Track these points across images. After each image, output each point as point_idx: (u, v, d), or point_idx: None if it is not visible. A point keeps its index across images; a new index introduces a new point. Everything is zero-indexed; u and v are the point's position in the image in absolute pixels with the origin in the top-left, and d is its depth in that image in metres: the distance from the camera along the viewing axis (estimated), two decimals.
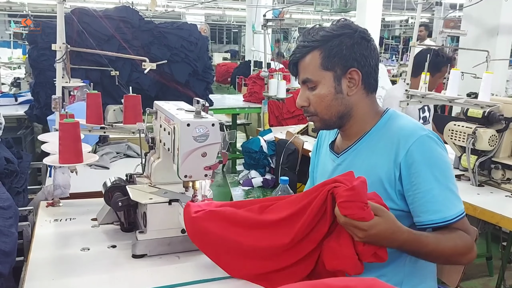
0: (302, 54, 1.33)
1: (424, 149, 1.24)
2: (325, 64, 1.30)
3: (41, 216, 1.64)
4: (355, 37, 1.29)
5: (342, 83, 1.31)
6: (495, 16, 4.81)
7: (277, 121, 4.76)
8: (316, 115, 1.36)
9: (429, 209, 1.22)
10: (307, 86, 1.35)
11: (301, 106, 1.37)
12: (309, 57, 1.32)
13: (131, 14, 4.01)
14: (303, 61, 1.33)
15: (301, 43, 1.34)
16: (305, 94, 1.35)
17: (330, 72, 1.30)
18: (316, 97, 1.33)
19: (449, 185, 1.24)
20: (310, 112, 1.37)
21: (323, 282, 0.62)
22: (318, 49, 1.30)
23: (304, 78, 1.34)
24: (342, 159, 1.38)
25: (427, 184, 1.22)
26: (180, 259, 1.36)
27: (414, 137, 1.25)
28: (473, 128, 2.17)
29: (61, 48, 1.79)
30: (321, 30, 1.32)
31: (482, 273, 3.04)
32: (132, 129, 1.79)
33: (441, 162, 1.25)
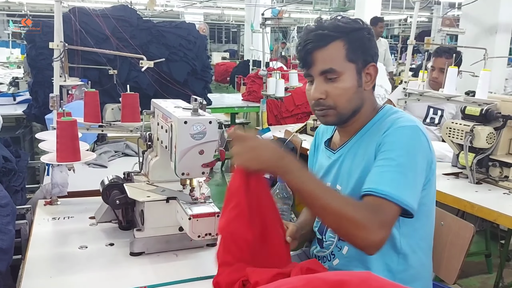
0: (322, 42, 1.24)
1: (401, 133, 1.21)
2: (349, 55, 1.25)
3: (39, 214, 1.64)
4: (371, 33, 1.29)
5: (362, 77, 1.29)
6: (493, 14, 4.81)
7: (276, 120, 4.76)
8: (333, 109, 1.28)
9: (370, 179, 1.18)
10: (325, 77, 1.26)
11: (318, 99, 1.28)
12: (332, 47, 1.25)
13: (130, 13, 4.01)
14: (324, 50, 1.25)
15: (318, 32, 1.25)
16: (323, 86, 1.27)
17: (353, 64, 1.26)
18: (339, 89, 1.26)
19: (407, 172, 1.16)
20: (326, 105, 1.29)
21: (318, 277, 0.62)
22: (341, 40, 1.25)
23: (326, 68, 1.25)
24: (338, 155, 1.37)
25: (385, 161, 1.18)
26: (177, 257, 1.36)
27: (398, 124, 1.23)
28: (470, 126, 2.17)
29: (59, 46, 1.79)
30: (337, 21, 1.27)
31: (481, 270, 3.04)
32: (130, 128, 1.79)
33: (412, 152, 1.19)
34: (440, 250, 1.51)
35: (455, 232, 1.51)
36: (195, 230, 1.26)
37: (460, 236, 1.48)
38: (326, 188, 1.17)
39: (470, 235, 1.44)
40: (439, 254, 1.51)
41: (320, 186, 1.13)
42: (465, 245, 1.45)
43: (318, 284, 0.60)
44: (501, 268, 2.68)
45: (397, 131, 1.22)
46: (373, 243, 1.08)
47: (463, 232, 1.47)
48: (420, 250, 1.31)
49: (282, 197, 1.87)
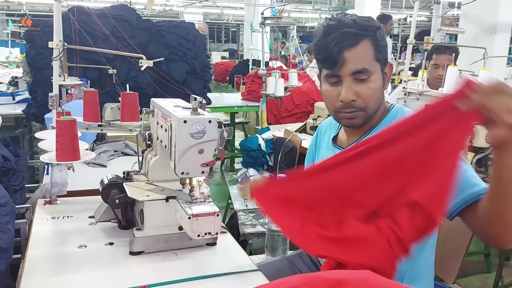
0: (353, 41, 1.20)
1: None
2: (377, 55, 1.24)
3: (39, 213, 1.64)
4: (384, 32, 1.28)
5: (384, 76, 1.29)
6: (493, 14, 4.81)
7: (275, 119, 4.76)
8: (363, 110, 1.26)
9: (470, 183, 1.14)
10: (355, 78, 1.23)
11: (351, 101, 1.24)
12: (362, 46, 1.22)
13: (129, 13, 4.01)
14: (355, 49, 1.21)
15: (347, 30, 1.21)
16: (354, 87, 1.23)
17: (379, 64, 1.26)
18: (370, 90, 1.24)
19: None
20: (357, 107, 1.25)
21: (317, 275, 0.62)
22: (369, 39, 1.22)
23: (359, 68, 1.22)
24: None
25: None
26: (177, 256, 1.36)
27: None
28: None
29: (58, 45, 1.78)
30: (358, 19, 1.24)
31: (481, 270, 3.05)
32: (129, 127, 1.79)
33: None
34: (439, 249, 1.51)
35: (454, 231, 1.51)
36: (195, 229, 1.26)
37: (459, 236, 1.48)
38: None
39: (470, 234, 1.45)
40: (439, 253, 1.50)
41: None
42: (465, 244, 1.46)
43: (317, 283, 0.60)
44: (500, 267, 2.68)
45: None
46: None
47: (463, 231, 1.47)
48: (426, 248, 1.33)
49: None
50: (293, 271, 1.55)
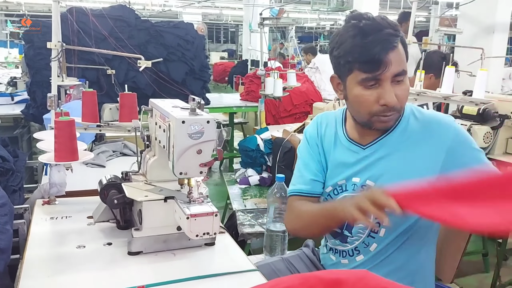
0: (395, 43, 1.19)
1: (463, 131, 1.30)
2: (406, 55, 1.24)
3: (37, 214, 1.64)
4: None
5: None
6: (491, 14, 4.82)
7: (274, 119, 4.76)
8: (398, 112, 1.27)
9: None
10: (394, 80, 1.21)
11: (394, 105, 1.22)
12: (400, 47, 1.21)
13: (128, 13, 4.01)
14: (396, 51, 1.19)
15: (386, 31, 1.18)
16: (393, 90, 1.22)
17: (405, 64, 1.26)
18: (406, 91, 1.24)
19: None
20: (396, 110, 1.25)
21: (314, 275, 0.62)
22: (400, 39, 1.22)
23: (400, 70, 1.21)
24: (371, 150, 1.34)
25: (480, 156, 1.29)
26: (175, 256, 1.37)
27: (451, 123, 1.30)
28: (468, 125, 2.19)
29: (56, 46, 1.79)
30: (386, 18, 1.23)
31: (478, 270, 3.06)
32: (128, 127, 1.79)
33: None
34: (437, 249, 1.52)
35: (452, 232, 1.51)
36: (193, 229, 1.26)
37: (457, 236, 1.49)
38: None
39: (467, 234, 1.45)
40: (437, 253, 1.51)
41: None
42: (462, 244, 1.46)
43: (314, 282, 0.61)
44: (498, 267, 2.68)
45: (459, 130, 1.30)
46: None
47: (461, 231, 1.47)
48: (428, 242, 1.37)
49: (280, 196, 1.87)
50: (291, 271, 1.55)
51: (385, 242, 1.32)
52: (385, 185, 1.28)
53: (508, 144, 2.21)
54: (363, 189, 1.34)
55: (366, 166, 1.35)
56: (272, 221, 1.81)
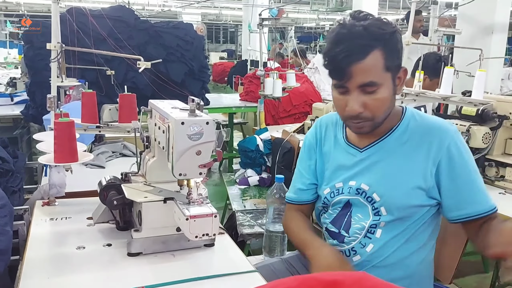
0: (361, 54, 1.17)
1: (461, 144, 1.28)
2: (387, 65, 1.20)
3: (37, 215, 1.65)
4: (400, 34, 1.25)
5: (396, 83, 1.26)
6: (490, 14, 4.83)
7: (274, 120, 4.76)
8: (371, 120, 1.25)
9: (476, 200, 1.26)
10: (363, 90, 1.21)
11: (358, 113, 1.23)
12: (371, 58, 1.18)
13: (127, 14, 4.01)
14: (363, 62, 1.17)
15: (356, 41, 1.17)
16: (361, 99, 1.22)
17: (390, 73, 1.23)
18: (378, 102, 1.22)
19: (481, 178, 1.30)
20: (364, 118, 1.25)
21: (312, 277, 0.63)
22: (380, 49, 1.18)
23: (366, 81, 1.19)
24: (367, 154, 1.35)
25: (470, 175, 1.26)
26: (175, 257, 1.37)
27: (449, 132, 1.28)
28: (467, 126, 2.19)
29: (56, 47, 1.79)
30: (369, 26, 1.19)
31: (478, 270, 3.06)
32: (127, 128, 1.79)
33: (472, 156, 1.30)
34: (436, 249, 1.52)
35: (451, 232, 1.52)
36: (193, 230, 1.26)
37: (456, 236, 1.49)
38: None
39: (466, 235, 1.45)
40: (436, 254, 1.51)
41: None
42: (461, 244, 1.46)
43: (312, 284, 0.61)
44: (497, 267, 2.68)
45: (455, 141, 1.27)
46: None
47: (459, 231, 1.47)
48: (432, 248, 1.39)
49: (279, 197, 1.88)
50: (290, 272, 1.56)
51: (381, 243, 1.32)
52: (384, 189, 1.30)
53: (507, 145, 2.21)
54: (358, 193, 1.35)
55: (362, 169, 1.36)
56: (272, 222, 1.81)
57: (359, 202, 1.36)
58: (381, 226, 1.32)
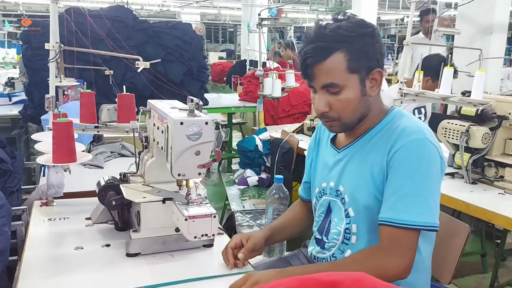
0: (322, 56, 1.20)
1: (414, 151, 1.20)
2: (351, 66, 1.20)
3: (35, 215, 1.64)
4: (375, 35, 1.24)
5: (366, 84, 1.25)
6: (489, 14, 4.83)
7: (273, 120, 4.76)
8: (338, 120, 1.27)
9: (388, 206, 1.19)
10: (328, 90, 1.24)
11: (322, 112, 1.26)
12: (332, 60, 1.20)
13: (125, 14, 4.00)
14: (323, 64, 1.20)
15: (317, 44, 1.20)
16: (326, 99, 1.24)
17: (356, 74, 1.22)
18: (342, 102, 1.24)
19: (424, 193, 1.18)
20: (331, 118, 1.27)
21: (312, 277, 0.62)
22: (342, 51, 1.19)
23: (327, 83, 1.22)
24: (343, 155, 1.36)
25: (401, 183, 1.19)
26: (173, 258, 1.36)
27: (411, 137, 1.21)
28: (466, 126, 2.18)
29: (54, 47, 1.78)
30: (338, 28, 1.20)
31: (477, 270, 3.06)
32: (126, 128, 1.79)
33: (425, 170, 1.19)
34: (435, 250, 1.51)
35: (450, 232, 1.52)
36: (191, 231, 1.26)
37: (455, 236, 1.49)
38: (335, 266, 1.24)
39: (465, 235, 1.45)
40: (435, 254, 1.51)
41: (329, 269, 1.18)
42: (460, 245, 1.46)
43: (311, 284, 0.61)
44: (496, 267, 2.69)
45: (408, 148, 1.20)
46: (402, 271, 1.16)
47: (458, 232, 1.48)
48: (425, 252, 1.34)
49: (279, 197, 1.87)
50: None
51: (357, 249, 1.30)
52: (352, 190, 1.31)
53: (507, 145, 2.20)
54: (337, 194, 1.36)
55: (339, 170, 1.37)
56: (271, 222, 1.80)
57: (336, 205, 1.37)
58: (353, 231, 1.31)
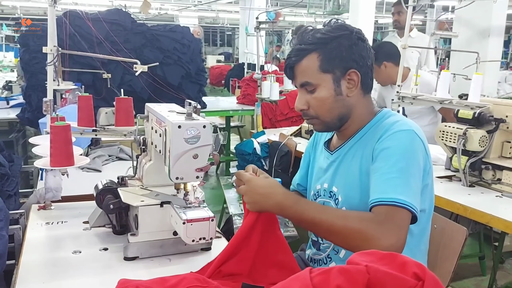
0: (299, 57, 1.31)
1: (398, 139, 1.22)
2: (324, 66, 1.28)
3: (33, 219, 1.64)
4: (353, 38, 1.29)
5: (341, 84, 1.30)
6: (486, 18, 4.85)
7: (271, 123, 4.76)
8: (316, 118, 1.34)
9: (375, 189, 1.19)
10: (305, 89, 1.32)
11: (300, 110, 1.35)
12: (307, 60, 1.30)
13: (123, 17, 4.01)
14: (300, 64, 1.31)
15: (297, 46, 1.31)
16: (304, 98, 1.33)
17: (329, 74, 1.29)
18: (317, 100, 1.31)
19: (408, 177, 1.18)
20: (310, 115, 1.35)
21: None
22: (316, 52, 1.28)
23: (303, 81, 1.31)
24: (335, 156, 1.39)
25: (386, 168, 1.20)
26: (171, 262, 1.36)
27: (396, 129, 1.24)
28: (463, 129, 2.19)
29: (52, 50, 1.78)
30: (317, 31, 1.30)
31: (475, 273, 3.06)
32: (124, 132, 1.79)
33: (409, 156, 1.20)
34: (433, 252, 1.52)
35: (448, 235, 1.52)
36: (190, 234, 1.26)
37: (453, 239, 1.49)
38: (325, 210, 1.21)
39: (463, 238, 1.45)
40: (432, 257, 1.51)
41: (319, 211, 1.18)
42: (458, 248, 1.46)
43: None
44: (494, 270, 2.69)
45: (393, 137, 1.23)
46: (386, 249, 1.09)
47: (456, 235, 1.48)
48: (420, 253, 1.34)
49: None
50: None
51: None
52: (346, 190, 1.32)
53: (504, 148, 2.21)
54: (331, 196, 1.38)
55: (332, 171, 1.39)
56: None
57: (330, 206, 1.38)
58: None
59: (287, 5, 12.01)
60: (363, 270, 0.63)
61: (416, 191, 1.19)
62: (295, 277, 0.69)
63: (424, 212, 1.30)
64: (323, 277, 0.65)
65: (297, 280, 0.68)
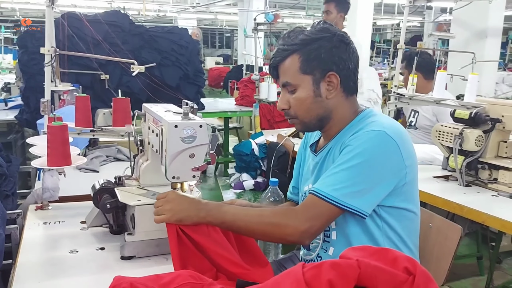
0: (281, 57, 1.34)
1: (364, 138, 1.24)
2: (304, 68, 1.31)
3: (30, 219, 1.64)
4: (334, 41, 1.31)
5: (321, 86, 1.32)
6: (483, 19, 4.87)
7: (269, 124, 4.77)
8: (296, 118, 1.38)
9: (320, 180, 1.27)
10: (287, 89, 1.36)
11: (282, 109, 1.39)
12: (289, 61, 1.33)
13: (122, 18, 4.01)
14: (282, 64, 1.34)
15: (280, 47, 1.35)
16: (286, 97, 1.37)
17: (309, 75, 1.31)
18: (296, 100, 1.34)
19: (355, 175, 1.21)
20: (290, 115, 1.38)
21: None
22: (297, 53, 1.31)
23: (284, 81, 1.35)
24: (319, 158, 1.41)
25: (337, 164, 1.25)
26: (168, 261, 1.37)
27: (366, 129, 1.26)
28: (460, 128, 2.20)
29: (50, 51, 1.79)
30: (301, 33, 1.33)
31: (473, 273, 3.07)
32: (121, 132, 1.79)
33: (370, 155, 1.22)
34: (428, 251, 1.53)
35: (443, 234, 1.52)
36: None
37: (448, 238, 1.49)
38: (242, 211, 1.29)
39: (458, 236, 1.46)
40: (428, 256, 1.52)
41: (237, 213, 1.27)
42: (453, 246, 1.47)
43: None
44: (491, 270, 2.70)
45: (359, 136, 1.26)
46: (301, 233, 1.21)
47: (451, 234, 1.48)
48: (408, 252, 1.34)
49: (274, 200, 1.88)
50: None
51: (339, 244, 1.32)
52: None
53: (500, 147, 2.22)
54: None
55: (317, 172, 1.41)
56: None
57: None
58: (332, 227, 1.34)
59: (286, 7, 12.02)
60: (354, 264, 0.64)
61: (362, 190, 1.21)
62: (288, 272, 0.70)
63: (407, 210, 1.31)
64: (315, 272, 0.66)
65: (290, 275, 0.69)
